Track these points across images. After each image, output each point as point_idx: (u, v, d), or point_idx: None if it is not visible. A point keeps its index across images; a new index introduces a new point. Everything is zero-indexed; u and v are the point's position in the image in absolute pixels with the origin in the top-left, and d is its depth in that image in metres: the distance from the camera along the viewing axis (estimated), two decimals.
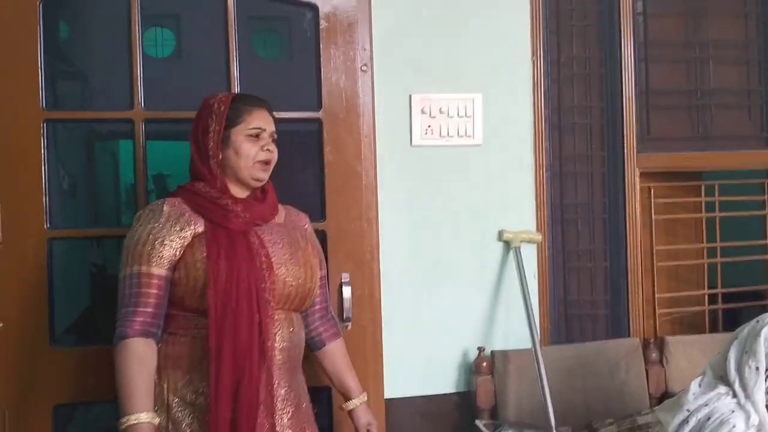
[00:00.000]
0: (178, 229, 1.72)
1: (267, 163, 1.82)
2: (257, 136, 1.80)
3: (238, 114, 1.79)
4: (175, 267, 1.71)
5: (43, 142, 2.14)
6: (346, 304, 2.28)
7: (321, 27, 2.31)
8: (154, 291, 1.69)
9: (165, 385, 1.71)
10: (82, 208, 2.86)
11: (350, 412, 1.96)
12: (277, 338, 1.76)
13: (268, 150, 1.81)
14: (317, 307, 1.95)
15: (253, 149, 1.79)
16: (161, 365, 1.71)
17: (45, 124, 2.14)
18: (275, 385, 1.73)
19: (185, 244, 1.72)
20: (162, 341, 1.72)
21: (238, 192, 1.82)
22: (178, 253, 1.71)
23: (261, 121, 1.81)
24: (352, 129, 2.33)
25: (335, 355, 1.98)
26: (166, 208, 1.75)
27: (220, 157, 1.78)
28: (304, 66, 2.39)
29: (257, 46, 2.39)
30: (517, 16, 2.52)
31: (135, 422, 1.60)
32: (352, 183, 2.33)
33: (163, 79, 2.29)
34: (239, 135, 1.79)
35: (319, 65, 2.31)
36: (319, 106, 2.32)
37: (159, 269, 1.69)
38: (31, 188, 2.12)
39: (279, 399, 1.76)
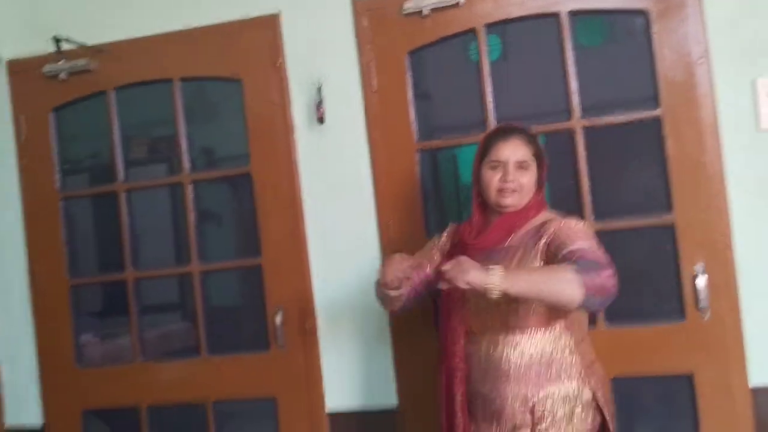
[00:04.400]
0: (437, 249, 2.19)
1: (510, 190, 1.99)
2: (497, 168, 2.01)
3: (486, 148, 2.05)
4: None
5: (418, 169, 2.58)
6: (701, 294, 2.33)
7: (653, 31, 2.39)
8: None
9: None
10: (432, 211, 3.25)
11: None
12: (487, 355, 1.96)
13: (504, 180, 1.99)
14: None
15: (492, 179, 2.01)
16: None
17: (418, 154, 2.59)
18: (498, 394, 1.93)
19: (438, 261, 2.12)
20: None
21: (494, 216, 2.05)
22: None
23: (502, 153, 2.01)
24: (692, 121, 2.37)
25: None
26: (445, 233, 2.22)
27: (479, 186, 2.06)
28: (630, 52, 2.46)
29: (579, 33, 2.55)
30: None
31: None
32: (697, 174, 2.37)
33: (495, 81, 2.54)
34: (484, 167, 2.04)
35: (654, 65, 2.40)
36: (656, 104, 2.40)
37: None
38: (413, 204, 2.57)
39: (510, 408, 1.91)
